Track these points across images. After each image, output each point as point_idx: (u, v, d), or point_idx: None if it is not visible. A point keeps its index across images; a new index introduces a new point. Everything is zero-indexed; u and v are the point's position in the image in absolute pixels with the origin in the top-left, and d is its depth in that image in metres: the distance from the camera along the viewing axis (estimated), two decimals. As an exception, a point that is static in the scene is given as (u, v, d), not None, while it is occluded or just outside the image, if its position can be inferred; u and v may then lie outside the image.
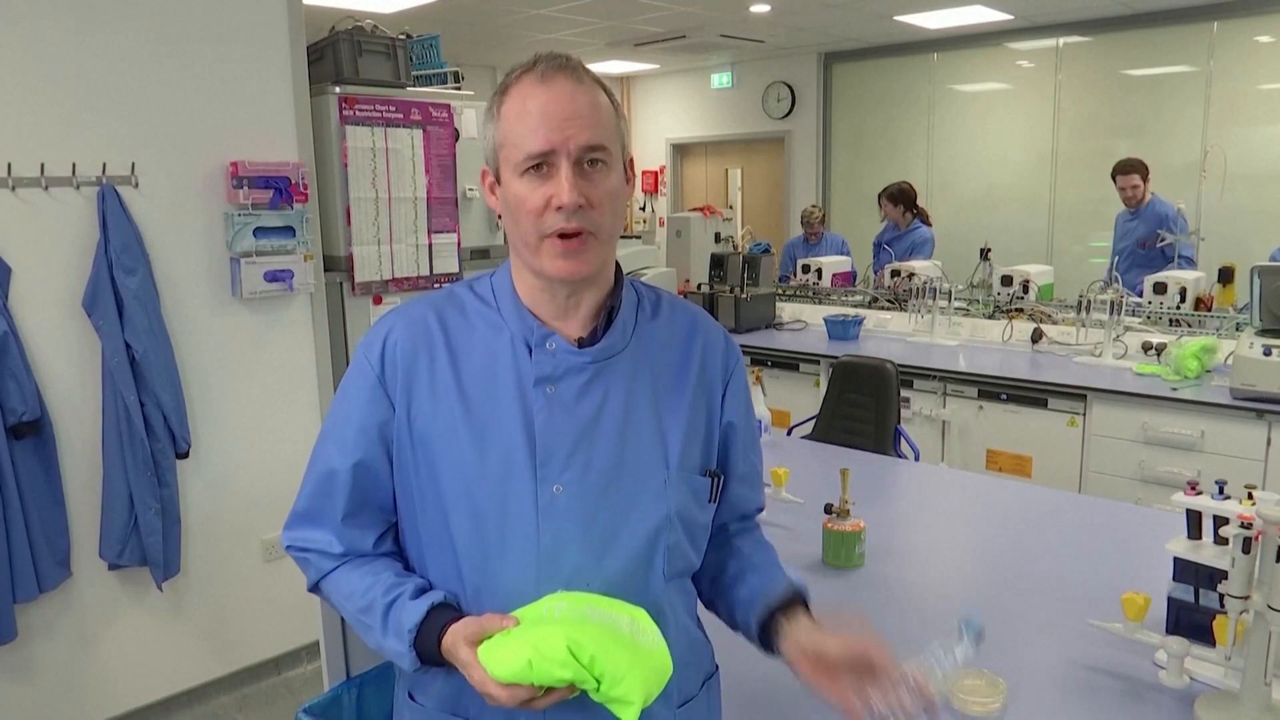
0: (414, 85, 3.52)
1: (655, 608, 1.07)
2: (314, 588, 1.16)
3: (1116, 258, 4.78)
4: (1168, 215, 4.85)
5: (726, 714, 1.27)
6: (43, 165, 2.56)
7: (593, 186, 1.04)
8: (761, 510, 1.31)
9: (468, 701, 1.09)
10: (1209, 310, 4.07)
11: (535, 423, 1.07)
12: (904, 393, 3.93)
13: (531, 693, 0.96)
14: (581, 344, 1.11)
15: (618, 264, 1.16)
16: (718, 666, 1.25)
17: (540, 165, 1.03)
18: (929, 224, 5.71)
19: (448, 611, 1.05)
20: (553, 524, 1.05)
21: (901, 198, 5.64)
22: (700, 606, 1.25)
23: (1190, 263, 4.69)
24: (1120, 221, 5.16)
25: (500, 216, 1.11)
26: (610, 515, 1.07)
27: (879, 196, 5.76)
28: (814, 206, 6.44)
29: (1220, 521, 1.46)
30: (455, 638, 1.01)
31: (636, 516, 1.08)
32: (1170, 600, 1.60)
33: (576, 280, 1.08)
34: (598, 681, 0.95)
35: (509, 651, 0.97)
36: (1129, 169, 5.00)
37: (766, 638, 1.15)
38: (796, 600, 1.15)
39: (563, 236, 1.03)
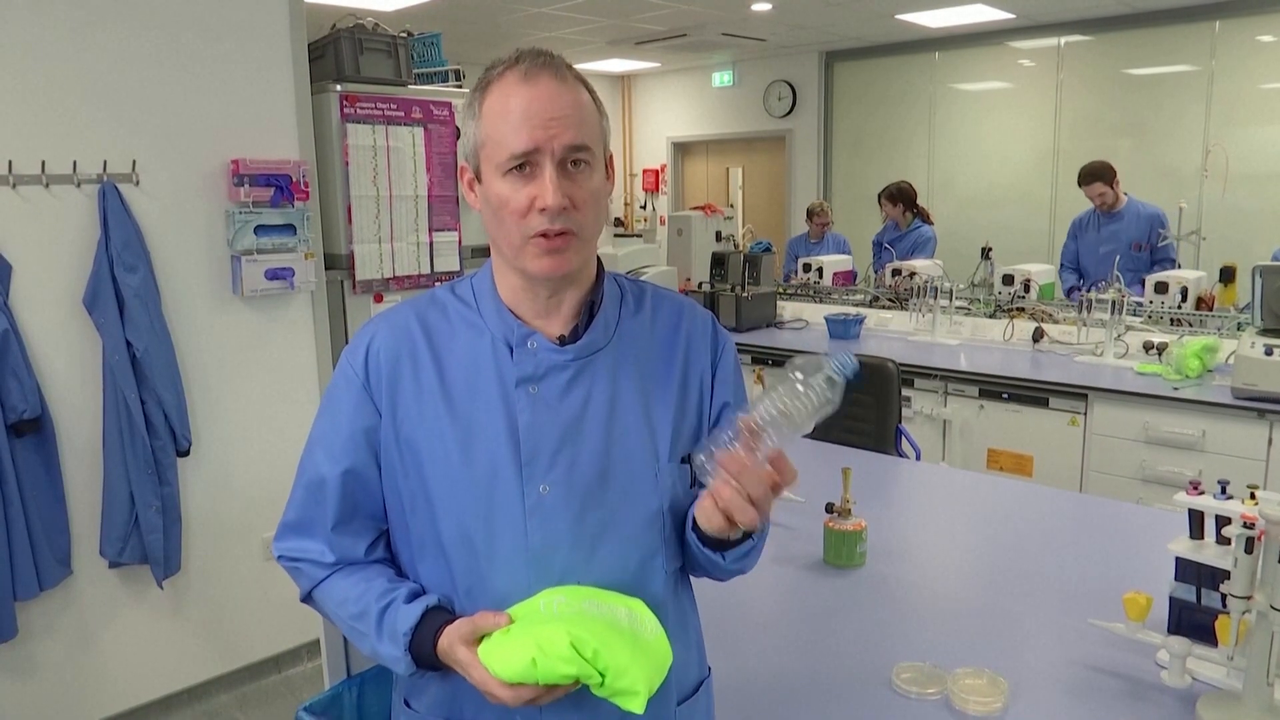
0: (415, 83, 3.52)
1: (655, 604, 1.07)
2: (306, 598, 1.16)
3: (1117, 257, 4.53)
4: (1156, 214, 4.69)
5: (719, 715, 1.26)
6: (44, 163, 2.56)
7: (576, 187, 1.03)
8: None
9: (463, 704, 1.09)
10: (1210, 310, 4.07)
11: (519, 423, 1.06)
12: (905, 392, 3.93)
13: (535, 691, 0.96)
14: (563, 341, 1.10)
15: (599, 259, 1.15)
16: (710, 669, 1.25)
17: (523, 165, 1.02)
18: (930, 223, 5.70)
19: (442, 614, 1.05)
20: (541, 524, 1.05)
21: (901, 197, 5.62)
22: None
23: (1173, 263, 4.65)
24: (1089, 227, 4.89)
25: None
26: (600, 513, 1.07)
27: (879, 196, 5.75)
28: (821, 201, 6.45)
29: (1223, 521, 1.46)
30: (451, 639, 1.00)
31: (628, 513, 1.08)
32: (1172, 600, 1.60)
33: (558, 278, 1.07)
34: (601, 676, 0.95)
35: (511, 651, 0.96)
36: (1091, 178, 4.74)
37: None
38: None
39: (545, 236, 1.03)
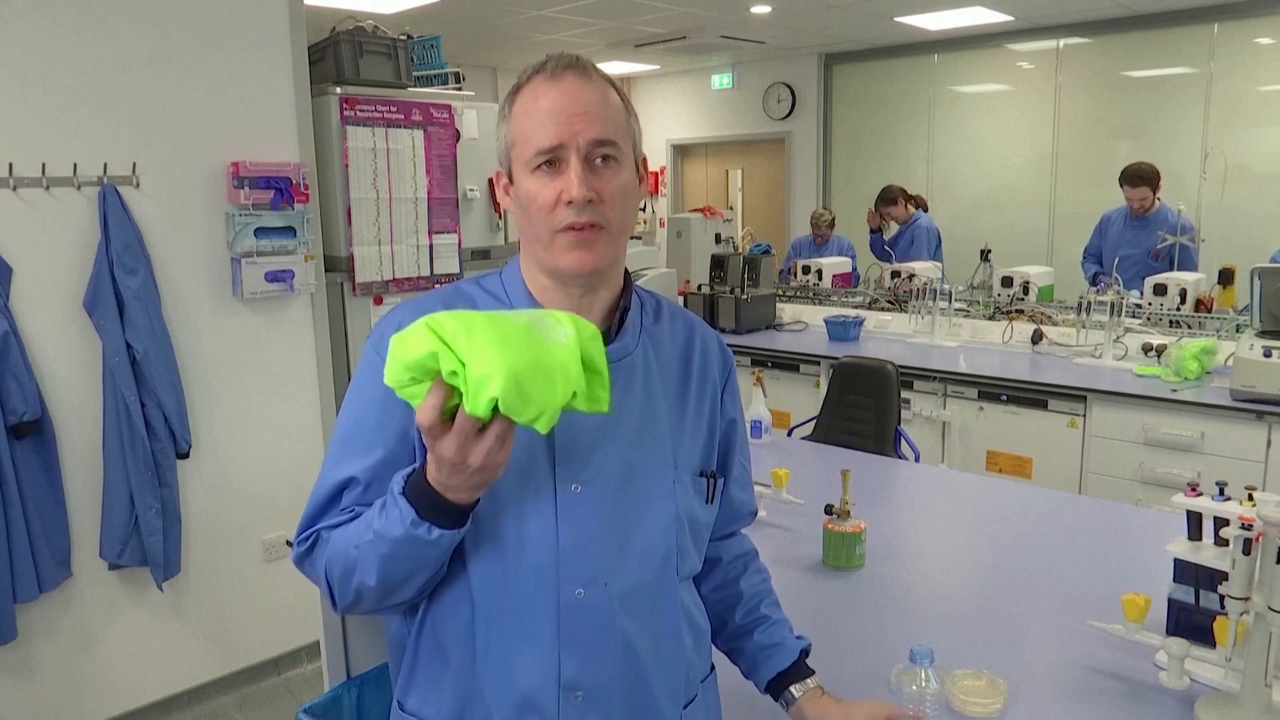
0: (415, 86, 3.52)
1: (672, 606, 1.10)
2: (326, 579, 1.05)
3: (1117, 259, 4.52)
4: (1185, 227, 4.56)
5: (725, 713, 1.27)
6: (44, 165, 2.57)
7: (603, 182, 1.03)
8: (755, 514, 1.36)
9: (471, 714, 1.07)
10: (1209, 312, 4.07)
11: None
12: (904, 394, 3.93)
13: (443, 430, 0.87)
14: None
15: (625, 267, 1.16)
16: (714, 666, 1.26)
17: (550, 161, 1.03)
18: (925, 209, 5.71)
19: None
20: (572, 523, 1.04)
21: (890, 199, 5.67)
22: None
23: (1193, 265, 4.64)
24: (1116, 227, 4.86)
25: (501, 216, 1.11)
26: (625, 515, 1.07)
27: (878, 211, 5.77)
28: (825, 209, 6.46)
29: (1221, 523, 1.46)
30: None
31: (649, 517, 1.09)
32: (1170, 601, 1.60)
33: (587, 273, 1.06)
34: (462, 365, 0.84)
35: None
36: (1139, 180, 4.55)
37: (773, 691, 1.27)
38: (802, 663, 1.27)
39: (573, 229, 1.03)
